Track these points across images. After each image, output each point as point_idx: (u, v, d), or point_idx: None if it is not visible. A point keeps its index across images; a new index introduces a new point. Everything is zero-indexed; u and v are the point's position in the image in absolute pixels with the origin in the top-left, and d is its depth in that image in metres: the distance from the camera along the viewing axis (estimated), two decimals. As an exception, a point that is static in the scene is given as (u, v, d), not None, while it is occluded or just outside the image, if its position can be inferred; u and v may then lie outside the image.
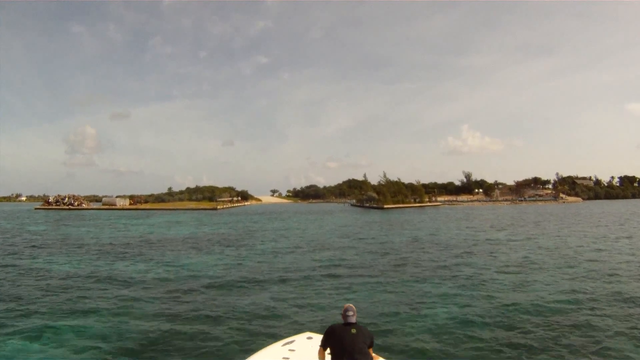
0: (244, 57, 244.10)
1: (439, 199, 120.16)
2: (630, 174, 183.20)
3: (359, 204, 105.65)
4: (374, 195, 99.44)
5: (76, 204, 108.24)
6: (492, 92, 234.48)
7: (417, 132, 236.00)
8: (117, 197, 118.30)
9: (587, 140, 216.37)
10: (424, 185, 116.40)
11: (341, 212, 77.58)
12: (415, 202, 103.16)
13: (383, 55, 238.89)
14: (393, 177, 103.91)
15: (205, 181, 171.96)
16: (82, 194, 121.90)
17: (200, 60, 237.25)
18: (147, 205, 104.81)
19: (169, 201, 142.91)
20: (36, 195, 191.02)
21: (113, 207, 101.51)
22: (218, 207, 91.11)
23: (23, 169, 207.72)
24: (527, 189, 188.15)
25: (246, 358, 4.84)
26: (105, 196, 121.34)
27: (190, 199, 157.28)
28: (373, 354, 4.12)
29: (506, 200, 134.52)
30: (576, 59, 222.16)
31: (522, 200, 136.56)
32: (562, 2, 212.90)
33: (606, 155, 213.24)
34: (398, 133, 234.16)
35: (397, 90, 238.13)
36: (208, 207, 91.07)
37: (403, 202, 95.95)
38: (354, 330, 3.96)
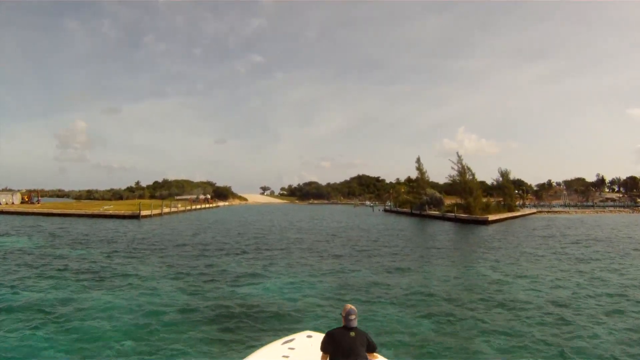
0: (239, 55, 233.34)
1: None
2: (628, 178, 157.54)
3: (414, 211, 59.63)
4: (438, 195, 55.01)
5: None
6: (487, 95, 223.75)
7: (411, 134, 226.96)
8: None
9: (586, 144, 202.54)
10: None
11: (405, 232, 33.70)
12: (501, 207, 58.80)
13: (378, 57, 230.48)
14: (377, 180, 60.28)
15: (198, 178, 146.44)
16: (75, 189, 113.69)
17: (194, 58, 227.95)
18: (40, 207, 58.46)
19: (127, 198, 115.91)
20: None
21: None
22: (144, 213, 46.01)
23: (15, 163, 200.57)
24: (590, 192, 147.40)
25: (246, 356, 4.75)
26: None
27: (152, 196, 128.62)
28: (374, 354, 4.11)
29: (614, 206, 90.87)
30: (572, 62, 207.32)
31: (597, 208, 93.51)
32: (558, 6, 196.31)
33: (606, 158, 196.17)
34: (392, 134, 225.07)
35: (391, 92, 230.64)
36: (127, 213, 46.08)
37: (494, 210, 51.61)
38: (352, 334, 3.90)
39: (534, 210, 67.69)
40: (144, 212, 46.16)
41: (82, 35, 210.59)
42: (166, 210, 54.38)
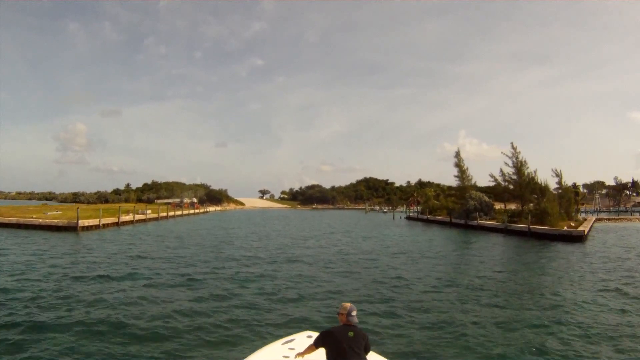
0: (239, 59, 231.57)
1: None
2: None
3: (455, 219, 45.05)
4: (486, 199, 41.88)
5: None
6: (487, 99, 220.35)
7: (412, 138, 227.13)
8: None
9: (587, 148, 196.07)
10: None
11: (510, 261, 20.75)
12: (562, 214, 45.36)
13: (378, 61, 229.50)
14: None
15: (198, 182, 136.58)
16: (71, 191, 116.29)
17: (194, 61, 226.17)
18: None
19: (113, 201, 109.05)
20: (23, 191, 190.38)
21: None
22: (87, 223, 32.70)
23: (15, 165, 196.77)
24: (621, 196, 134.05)
25: (247, 356, 4.62)
26: None
27: (140, 199, 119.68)
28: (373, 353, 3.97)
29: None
30: (573, 67, 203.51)
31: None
32: (558, 10, 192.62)
33: (607, 162, 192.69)
34: (393, 138, 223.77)
35: (391, 96, 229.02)
36: (61, 223, 32.79)
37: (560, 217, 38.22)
38: (351, 334, 3.70)
39: (592, 218, 54.33)
40: (87, 222, 32.83)
41: (83, 38, 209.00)
42: (127, 218, 41.00)
